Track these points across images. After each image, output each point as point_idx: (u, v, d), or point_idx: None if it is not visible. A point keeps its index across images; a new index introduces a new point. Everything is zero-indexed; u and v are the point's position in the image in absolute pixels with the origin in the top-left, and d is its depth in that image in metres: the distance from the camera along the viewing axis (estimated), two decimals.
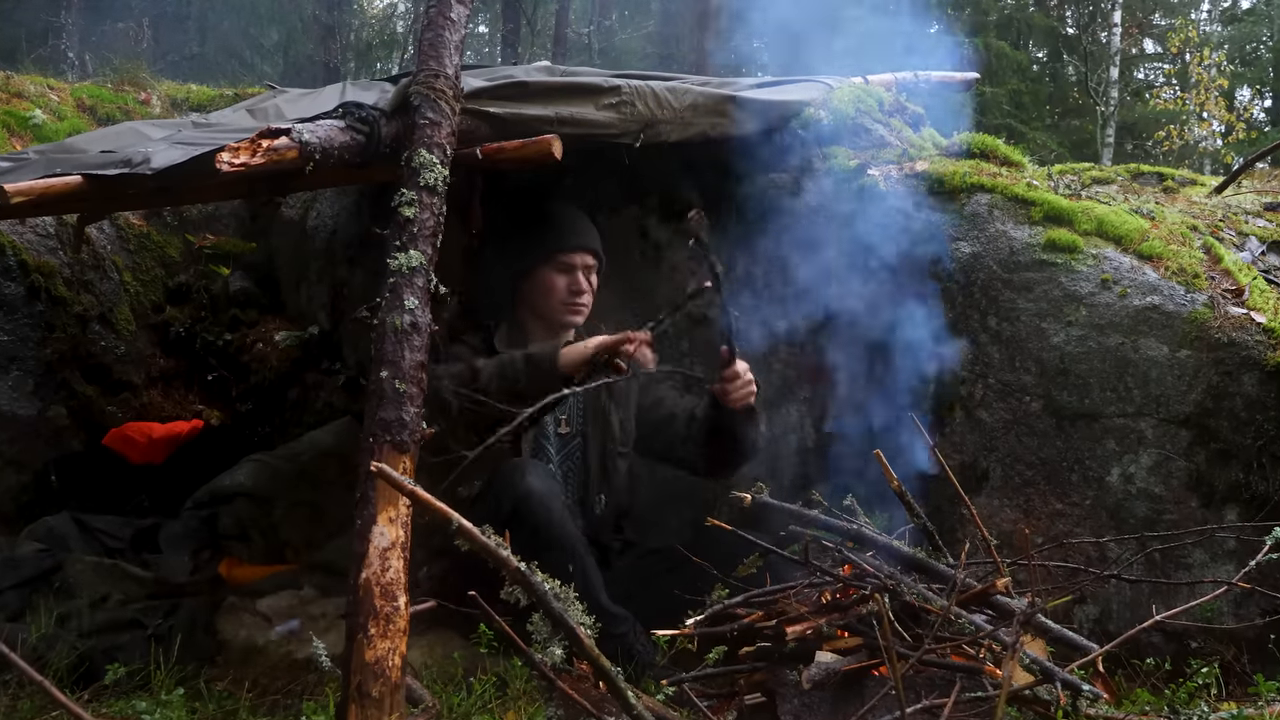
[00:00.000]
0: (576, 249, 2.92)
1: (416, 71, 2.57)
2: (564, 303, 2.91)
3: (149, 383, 4.33)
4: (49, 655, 2.62)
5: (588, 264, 2.94)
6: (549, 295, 2.92)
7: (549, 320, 2.95)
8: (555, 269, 2.91)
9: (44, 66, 8.02)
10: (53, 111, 4.62)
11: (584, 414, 2.98)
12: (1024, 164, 3.35)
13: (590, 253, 2.95)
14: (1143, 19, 16.64)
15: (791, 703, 2.20)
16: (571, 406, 2.96)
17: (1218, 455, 2.70)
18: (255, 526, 3.53)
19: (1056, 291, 2.88)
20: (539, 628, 1.91)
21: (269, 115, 3.17)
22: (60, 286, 4.04)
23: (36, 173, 2.58)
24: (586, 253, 2.94)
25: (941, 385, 2.98)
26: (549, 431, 2.94)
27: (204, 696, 2.48)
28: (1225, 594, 2.50)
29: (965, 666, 2.13)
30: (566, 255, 2.91)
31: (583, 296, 2.92)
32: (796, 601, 2.36)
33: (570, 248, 2.92)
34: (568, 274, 2.91)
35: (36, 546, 3.29)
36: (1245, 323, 2.70)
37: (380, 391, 2.13)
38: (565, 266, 2.91)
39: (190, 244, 4.71)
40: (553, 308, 2.92)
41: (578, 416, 2.98)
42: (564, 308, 2.91)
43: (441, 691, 2.36)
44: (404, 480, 1.78)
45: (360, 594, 1.95)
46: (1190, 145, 15.11)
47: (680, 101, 3.03)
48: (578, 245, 2.93)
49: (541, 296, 2.93)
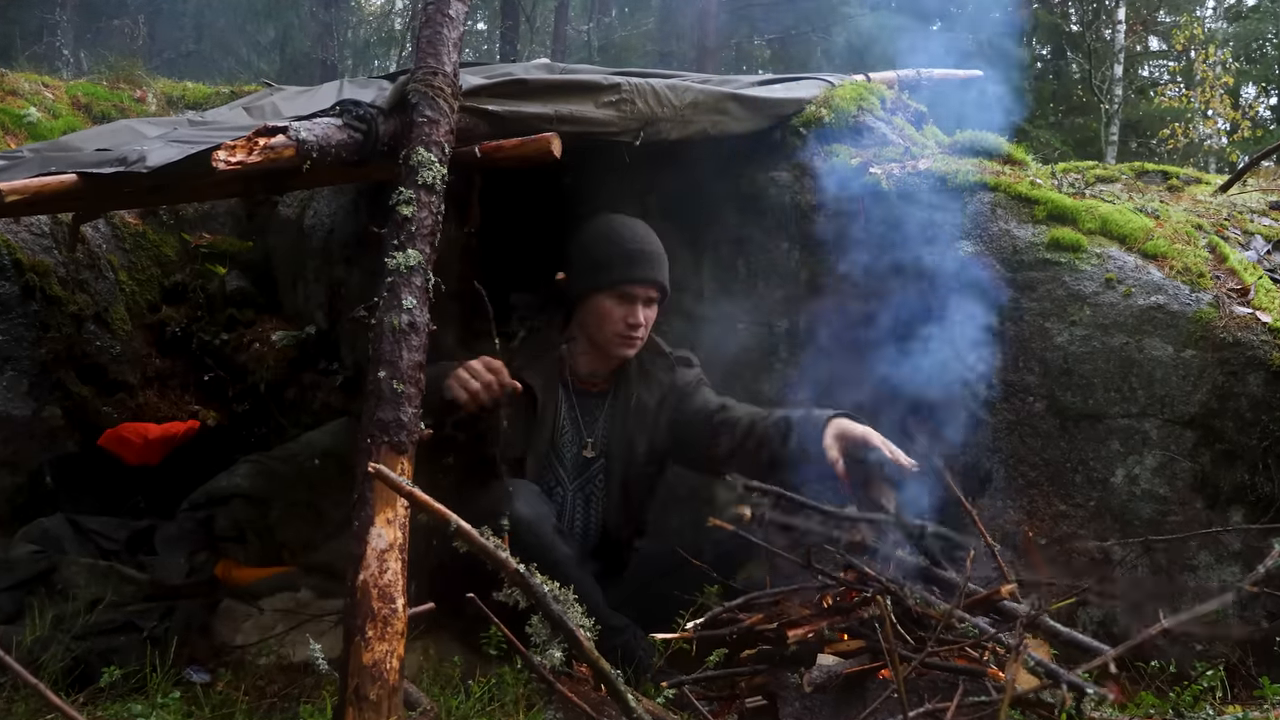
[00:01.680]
0: (641, 281, 2.77)
1: (415, 69, 2.55)
2: (618, 334, 2.77)
3: (145, 383, 4.32)
4: (44, 658, 2.60)
5: (649, 296, 2.79)
6: (602, 324, 2.78)
7: (600, 347, 2.83)
8: (615, 298, 2.76)
9: (39, 64, 8.00)
10: (47, 109, 4.60)
11: (607, 436, 2.87)
12: (1027, 162, 3.33)
13: (655, 285, 2.79)
14: (1147, 16, 16.57)
15: (793, 706, 2.19)
16: (598, 429, 2.87)
17: (1223, 456, 2.68)
18: (252, 528, 3.50)
19: (1060, 291, 2.86)
20: (538, 630, 1.90)
21: (266, 113, 3.16)
22: (55, 286, 4.02)
23: (31, 171, 2.56)
24: (651, 285, 2.78)
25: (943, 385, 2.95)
26: (564, 456, 2.85)
27: (200, 700, 2.46)
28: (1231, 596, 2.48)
29: (968, 669, 2.12)
30: (630, 286, 2.76)
31: (638, 330, 2.77)
32: (798, 604, 2.35)
33: (634, 279, 2.76)
34: (627, 305, 2.76)
35: (31, 548, 3.26)
36: (1251, 322, 2.68)
37: (378, 392, 2.11)
38: (626, 297, 2.76)
39: (186, 243, 4.70)
40: (606, 338, 2.79)
41: (600, 439, 2.87)
42: (617, 339, 2.78)
43: (439, 695, 2.35)
44: (402, 481, 1.77)
45: (358, 596, 1.94)
46: (1195, 143, 15.07)
47: (681, 99, 3.01)
48: (643, 277, 2.77)
49: (596, 323, 2.80)
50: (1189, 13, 16.71)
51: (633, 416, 2.87)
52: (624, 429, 2.87)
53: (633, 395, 2.87)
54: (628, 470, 2.87)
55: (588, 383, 2.88)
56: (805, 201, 3.20)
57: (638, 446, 2.88)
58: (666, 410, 2.89)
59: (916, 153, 3.27)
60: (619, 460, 2.87)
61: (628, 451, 2.87)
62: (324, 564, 3.26)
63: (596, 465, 2.87)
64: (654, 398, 2.89)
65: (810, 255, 3.17)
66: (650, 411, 2.88)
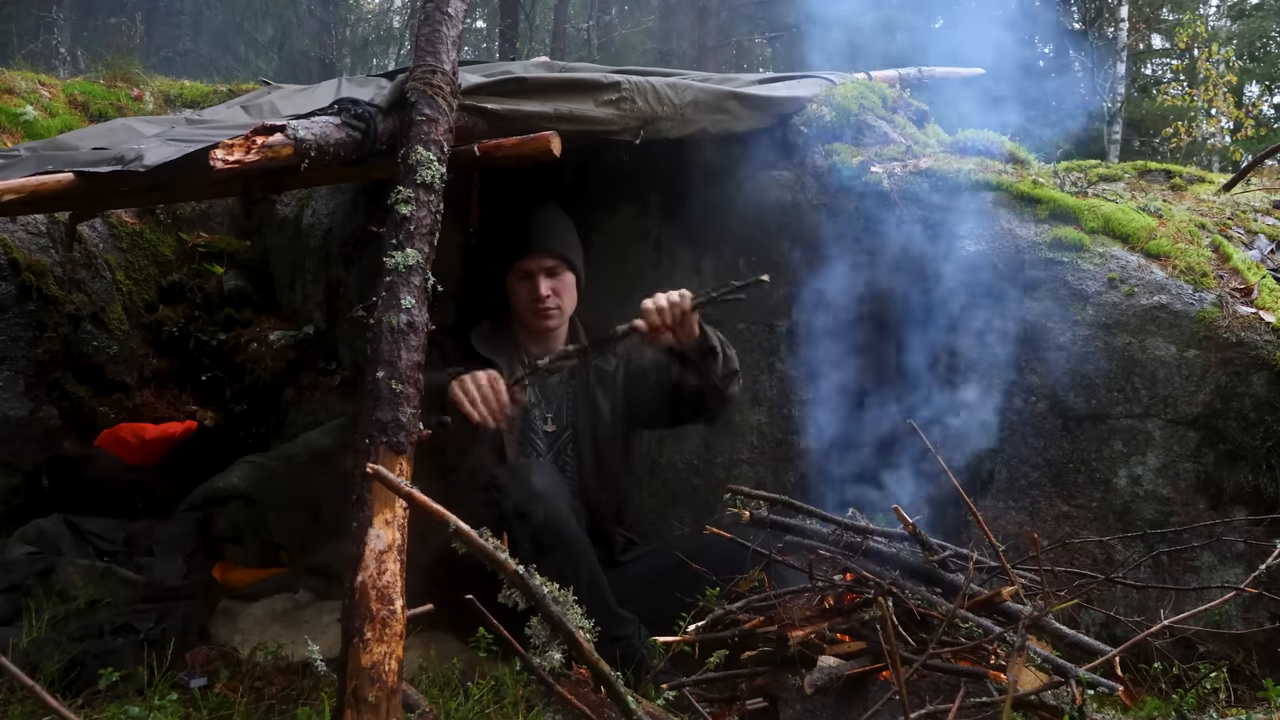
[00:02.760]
0: (530, 254, 2.88)
1: (413, 67, 2.54)
2: (530, 310, 2.89)
3: (142, 383, 4.32)
4: (40, 660, 2.59)
5: (545, 266, 2.88)
6: (517, 303, 2.92)
7: (527, 326, 2.94)
8: (516, 277, 2.90)
9: (35, 62, 7.99)
10: (44, 108, 4.59)
11: (572, 407, 2.95)
12: (1030, 161, 3.31)
13: (547, 254, 2.89)
14: (1150, 14, 16.48)
15: (794, 708, 2.19)
16: (558, 402, 2.95)
17: (1226, 457, 2.67)
18: (249, 529, 3.50)
19: (1063, 290, 2.84)
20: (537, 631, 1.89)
21: (264, 112, 3.14)
22: (52, 285, 4.02)
23: (27, 170, 2.55)
24: (543, 255, 2.89)
25: (945, 385, 2.94)
26: (538, 429, 2.91)
27: (198, 702, 2.44)
28: (1234, 597, 2.47)
29: (970, 671, 2.11)
30: (522, 263, 2.88)
31: (546, 301, 2.87)
32: (799, 606, 2.34)
33: (524, 254, 2.88)
34: (527, 280, 2.88)
35: (28, 549, 3.25)
36: (1254, 322, 2.67)
37: (376, 392, 2.11)
38: (523, 274, 2.88)
39: (184, 242, 4.70)
40: (525, 316, 2.91)
41: (566, 411, 2.95)
42: (531, 315, 2.89)
43: (438, 697, 2.34)
44: (400, 482, 1.77)
45: (356, 597, 1.93)
46: (1198, 142, 15.00)
47: (681, 98, 3.00)
48: (530, 250, 2.88)
49: (514, 305, 2.94)
50: (1192, 10, 16.61)
51: (595, 382, 2.95)
52: (588, 396, 2.94)
53: (591, 363, 2.94)
54: (596, 438, 2.94)
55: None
56: (806, 200, 3.19)
57: (602, 411, 2.95)
58: (620, 368, 2.99)
59: (918, 151, 3.26)
60: (586, 428, 2.94)
61: (594, 417, 2.94)
62: (322, 565, 3.25)
63: (565, 438, 2.93)
64: (610, 364, 2.99)
65: (811, 254, 3.15)
66: (609, 375, 2.98)
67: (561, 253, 2.92)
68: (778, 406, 3.21)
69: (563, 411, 2.94)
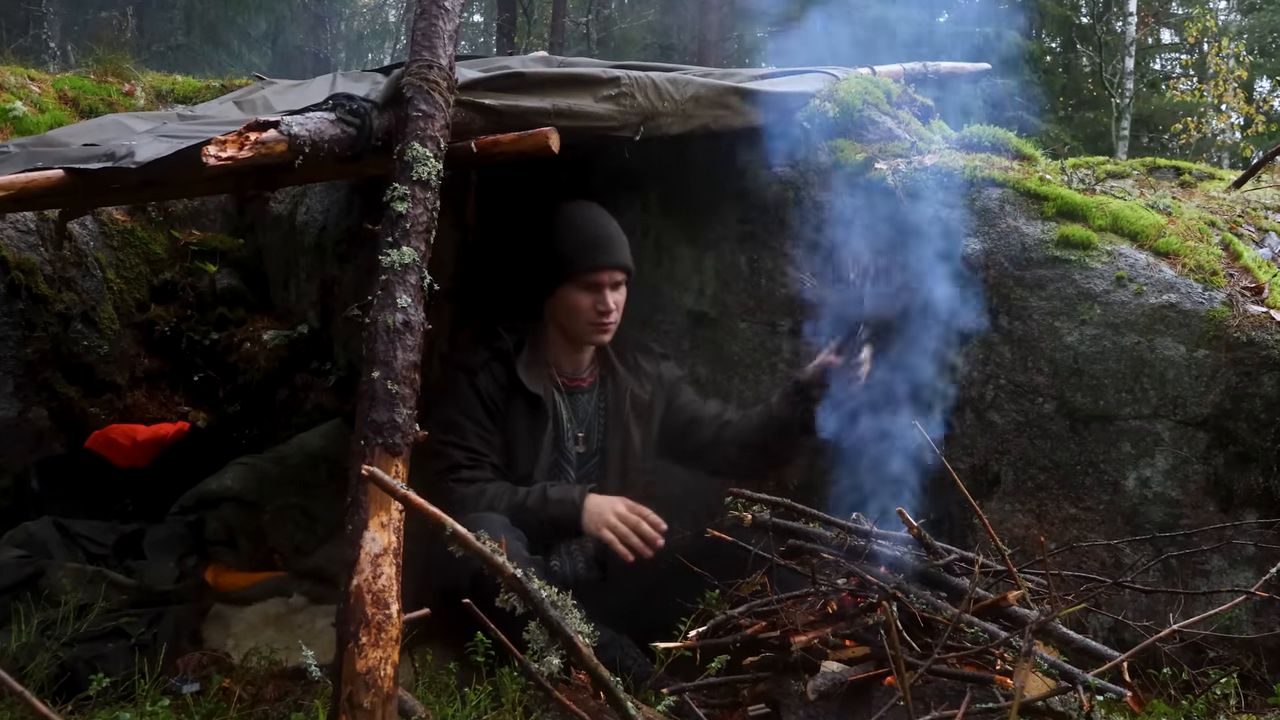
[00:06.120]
0: (603, 267, 2.81)
1: (409, 62, 2.52)
2: (590, 323, 2.83)
3: (133, 383, 4.31)
4: (30, 665, 2.56)
5: (615, 280, 2.84)
6: (575, 315, 2.83)
7: (575, 339, 2.88)
8: (581, 288, 2.81)
9: (24, 57, 7.94)
10: (33, 103, 4.56)
11: (603, 431, 2.93)
12: (1036, 158, 3.28)
13: (618, 269, 2.84)
14: (1159, 8, 16.46)
15: (796, 714, 2.19)
16: (590, 422, 2.92)
17: (1236, 458, 2.63)
18: (243, 532, 3.48)
19: (1070, 289, 2.81)
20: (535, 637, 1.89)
21: (257, 107, 3.14)
22: (41, 284, 3.99)
23: (16, 166, 2.54)
24: (615, 270, 2.83)
25: (950, 385, 2.91)
26: (569, 453, 2.89)
27: (190, 708, 2.41)
28: (1244, 601, 2.43)
29: (976, 676, 2.10)
30: (591, 275, 2.80)
31: (609, 316, 2.82)
32: (802, 610, 2.32)
33: (597, 266, 2.80)
34: (594, 293, 2.81)
35: (17, 553, 3.23)
36: (1265, 321, 2.64)
37: (372, 392, 2.10)
38: (592, 285, 2.80)
39: (175, 240, 4.68)
40: (579, 329, 2.85)
41: (597, 434, 2.93)
42: (590, 328, 2.84)
43: (434, 702, 2.32)
44: (396, 484, 1.78)
45: (351, 601, 1.91)
46: (1208, 138, 14.98)
47: (681, 93, 2.97)
48: (605, 263, 2.81)
49: (566, 315, 2.85)
50: (1202, 5, 16.57)
51: (630, 409, 2.94)
52: (621, 422, 2.93)
53: (626, 388, 2.94)
54: (625, 462, 2.93)
55: (573, 380, 2.94)
56: (809, 197, 3.16)
57: (634, 439, 2.94)
58: (659, 403, 2.99)
59: (923, 148, 3.22)
60: (616, 453, 2.93)
61: (625, 444, 2.93)
62: (316, 568, 3.24)
63: (593, 463, 2.92)
64: (646, 390, 2.97)
65: (814, 252, 3.12)
66: (645, 404, 2.96)
67: (630, 268, 2.88)
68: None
69: (594, 433, 2.93)
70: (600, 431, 2.92)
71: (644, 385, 2.96)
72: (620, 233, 2.89)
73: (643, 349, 3.03)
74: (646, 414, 2.96)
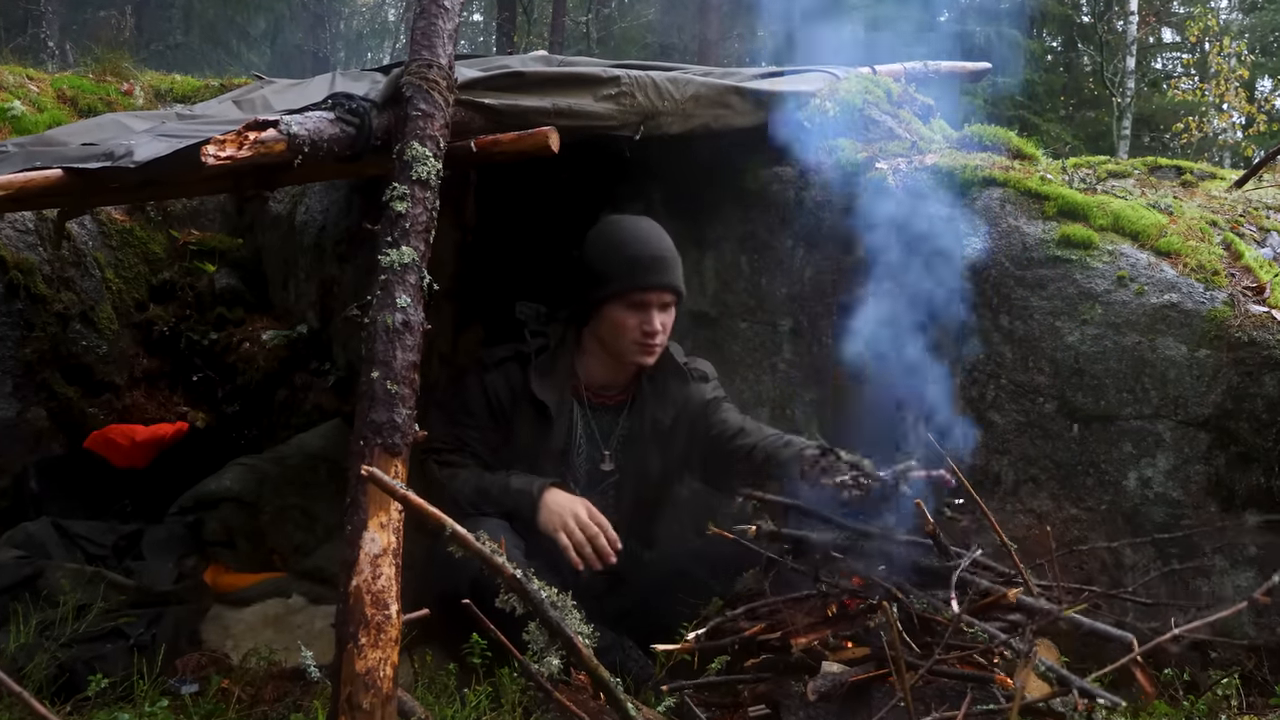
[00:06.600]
0: (653, 288, 2.70)
1: (409, 61, 2.52)
2: (635, 343, 2.72)
3: (132, 384, 4.30)
4: (28, 665, 2.56)
5: (664, 301, 2.73)
6: (619, 333, 2.73)
7: (617, 356, 2.79)
8: (628, 307, 2.70)
9: (23, 56, 7.93)
10: (32, 103, 4.55)
11: (622, 451, 2.85)
12: (1037, 157, 3.27)
13: (668, 290, 2.73)
14: (1160, 7, 16.40)
15: (797, 715, 2.19)
16: (614, 443, 2.85)
17: (1238, 458, 2.62)
18: (242, 532, 3.47)
19: (1071, 289, 2.80)
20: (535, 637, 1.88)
21: (256, 107, 3.14)
22: (40, 284, 3.99)
23: (15, 166, 2.54)
24: (664, 291, 2.72)
25: (951, 385, 2.90)
26: (579, 470, 2.82)
27: (189, 709, 2.41)
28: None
29: (976, 676, 2.10)
30: (640, 294, 2.69)
31: (656, 338, 2.71)
32: (802, 611, 2.31)
33: (648, 286, 2.70)
34: (641, 313, 2.70)
35: (15, 553, 3.22)
36: (1267, 321, 2.63)
37: (371, 393, 2.09)
38: (639, 305, 2.70)
39: (174, 240, 4.68)
40: (623, 347, 2.75)
41: (616, 452, 2.85)
42: (635, 348, 2.73)
43: (434, 703, 2.32)
44: (396, 484, 1.78)
45: (350, 602, 1.91)
46: (1209, 138, 14.94)
47: (682, 93, 2.97)
48: (655, 284, 2.70)
49: (610, 332, 2.75)
50: (1203, 4, 16.52)
51: (648, 434, 2.85)
52: (639, 445, 2.86)
53: (649, 412, 2.85)
54: (640, 485, 2.87)
55: (602, 396, 2.87)
56: (809, 197, 3.15)
57: (651, 464, 2.87)
58: (682, 429, 2.88)
59: (923, 147, 3.22)
60: (632, 475, 2.86)
61: (641, 467, 2.86)
62: (316, 569, 3.24)
63: (609, 482, 2.85)
64: (668, 415, 2.87)
65: (814, 252, 3.12)
66: (665, 430, 2.86)
67: (681, 290, 2.78)
68: (780, 406, 3.18)
69: (616, 454, 2.86)
70: (619, 452, 2.85)
71: (666, 410, 2.85)
72: (674, 252, 2.77)
73: (676, 371, 2.89)
74: (667, 439, 2.87)
